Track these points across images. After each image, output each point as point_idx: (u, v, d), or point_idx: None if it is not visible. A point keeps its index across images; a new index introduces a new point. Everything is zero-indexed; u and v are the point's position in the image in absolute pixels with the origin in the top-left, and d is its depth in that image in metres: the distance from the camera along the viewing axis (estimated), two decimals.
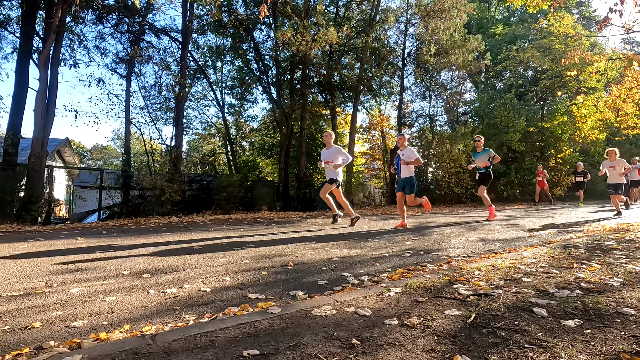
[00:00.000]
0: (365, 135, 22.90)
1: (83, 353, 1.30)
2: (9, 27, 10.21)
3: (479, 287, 2.13)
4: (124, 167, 10.84)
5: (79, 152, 35.33)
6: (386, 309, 1.75)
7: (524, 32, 21.03)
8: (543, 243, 4.13)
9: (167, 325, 1.71)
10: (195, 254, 3.49)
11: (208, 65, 14.60)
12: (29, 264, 3.06)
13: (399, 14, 14.10)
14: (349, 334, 1.45)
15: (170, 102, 12.20)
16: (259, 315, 1.68)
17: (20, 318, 1.81)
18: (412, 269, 2.86)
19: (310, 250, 3.74)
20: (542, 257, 3.05)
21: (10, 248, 3.94)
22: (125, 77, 11.49)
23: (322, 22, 11.39)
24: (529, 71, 21.51)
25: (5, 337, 1.58)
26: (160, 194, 9.40)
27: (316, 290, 2.30)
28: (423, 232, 5.26)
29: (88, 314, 1.87)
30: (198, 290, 2.30)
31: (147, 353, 1.29)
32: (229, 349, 1.33)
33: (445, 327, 1.52)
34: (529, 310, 1.70)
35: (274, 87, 13.77)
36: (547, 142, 17.90)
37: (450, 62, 14.40)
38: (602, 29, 5.92)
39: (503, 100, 16.87)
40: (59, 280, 2.51)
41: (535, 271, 2.52)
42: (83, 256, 3.41)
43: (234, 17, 12.26)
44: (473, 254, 3.56)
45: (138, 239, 4.67)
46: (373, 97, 18.10)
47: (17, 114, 8.65)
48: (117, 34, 11.67)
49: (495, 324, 1.54)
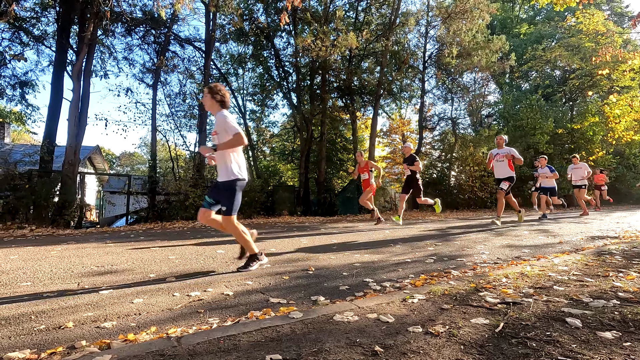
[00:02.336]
0: (385, 140, 22.75)
1: (112, 353, 1.34)
2: (46, 41, 10.85)
3: (507, 295, 2.05)
4: (150, 173, 11.21)
5: (108, 159, 36.87)
6: (409, 316, 1.72)
7: (550, 31, 20.34)
8: (575, 250, 3.94)
9: (192, 327, 1.74)
10: (218, 258, 3.55)
11: (230, 73, 14.96)
12: (63, 266, 3.20)
13: (419, 16, 13.97)
14: (372, 341, 1.43)
15: (194, 109, 12.56)
16: (281, 319, 1.68)
17: (55, 318, 1.89)
18: (435, 275, 2.79)
19: (331, 255, 3.73)
20: (575, 264, 2.91)
21: (46, 251, 4.14)
22: (152, 86, 11.93)
23: (341, 27, 11.44)
24: (557, 71, 20.76)
25: (41, 336, 1.65)
26: (184, 199, 9.65)
27: (338, 296, 2.28)
28: (447, 238, 5.14)
29: (117, 315, 1.93)
30: (221, 293, 2.33)
31: (173, 355, 1.32)
32: (252, 353, 1.34)
33: (471, 336, 1.47)
34: (562, 321, 1.63)
35: (294, 92, 13.93)
36: (577, 144, 17.18)
37: (473, 64, 14.11)
38: (637, 24, 5.65)
39: (529, 102, 16.34)
40: (90, 282, 2.62)
41: (568, 279, 2.41)
42: (112, 259, 3.54)
43: (255, 26, 12.52)
44: (500, 260, 3.45)
45: (163, 242, 4.80)
46: (393, 101, 17.99)
47: (53, 123, 9.13)
48: (144, 45, 12.15)
49: (526, 334, 1.48)
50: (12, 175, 7.71)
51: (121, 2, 9.85)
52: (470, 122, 19.31)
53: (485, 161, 14.01)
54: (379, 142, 21.93)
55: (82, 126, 8.84)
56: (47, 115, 9.07)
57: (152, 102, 11.77)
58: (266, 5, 12.72)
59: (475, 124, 18.68)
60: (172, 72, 12.49)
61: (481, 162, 14.16)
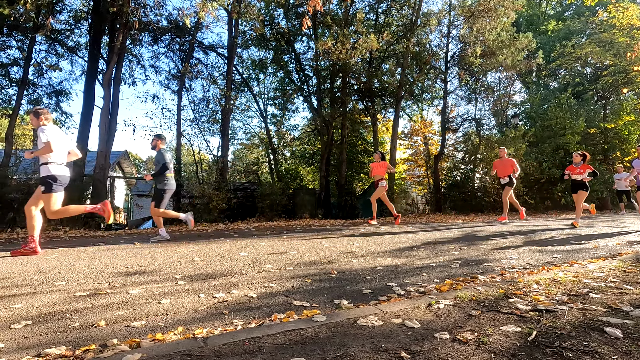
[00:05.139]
0: (407, 142, 22.46)
1: (142, 352, 1.37)
2: (79, 52, 11.42)
3: (539, 302, 1.97)
4: (175, 176, 11.53)
5: (135, 163, 38.21)
6: (436, 322, 1.67)
7: (580, 27, 19.51)
8: (611, 255, 3.74)
9: (217, 329, 1.76)
10: (242, 260, 3.60)
11: (251, 78, 15.23)
12: (95, 266, 3.34)
13: (441, 16, 13.74)
14: (398, 347, 1.40)
15: (217, 114, 12.85)
16: (304, 323, 1.68)
17: (88, 316, 1.96)
18: (461, 280, 2.71)
19: (353, 258, 3.70)
20: (612, 270, 2.76)
21: (79, 252, 4.33)
22: (177, 92, 12.31)
23: (361, 29, 11.41)
24: (588, 68, 19.88)
25: (75, 334, 1.72)
26: (208, 202, 9.87)
27: (361, 300, 2.26)
28: (472, 242, 4.99)
29: (146, 315, 1.98)
30: (245, 295, 2.36)
31: (200, 355, 1.34)
32: (277, 355, 1.34)
33: (502, 344, 1.42)
34: (600, 330, 1.54)
35: (314, 96, 14.00)
36: (611, 144, 16.36)
37: (498, 63, 13.73)
38: None
39: (558, 101, 15.71)
40: (120, 282, 2.71)
41: (605, 286, 2.29)
42: (140, 260, 3.66)
43: (275, 31, 12.70)
44: (529, 265, 3.31)
45: (188, 244, 4.92)
46: (415, 103, 17.75)
47: (85, 130, 9.58)
48: (169, 52, 12.58)
49: (561, 343, 1.41)
50: None
51: (148, 13, 10.24)
52: (495, 123, 18.78)
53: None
54: (400, 145, 21.68)
55: (112, 132, 9.23)
56: (80, 122, 9.53)
57: (177, 108, 12.15)
58: (287, 10, 12.87)
59: (501, 125, 18.14)
60: (196, 78, 12.86)
61: None
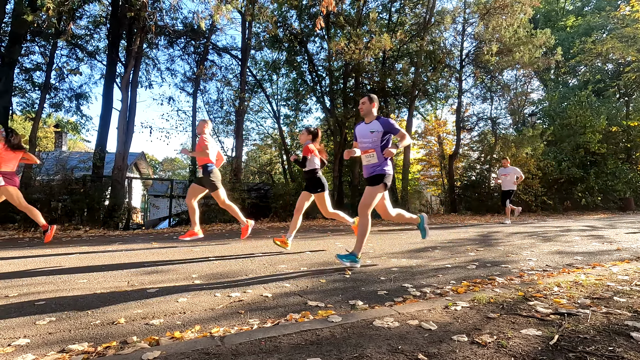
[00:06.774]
0: (420, 142, 22.21)
1: (161, 350, 1.40)
2: (98, 56, 11.74)
3: (560, 305, 1.91)
4: (191, 177, 11.72)
5: (152, 164, 39.01)
6: (453, 324, 1.65)
7: (601, 22, 18.90)
8: (636, 257, 3.61)
9: (233, 328, 1.78)
10: (257, 260, 3.63)
11: (265, 79, 15.31)
12: (114, 265, 3.42)
13: (456, 14, 13.51)
14: (414, 349, 1.39)
15: (231, 115, 13.00)
16: (319, 323, 1.68)
17: (108, 314, 2.01)
18: (479, 282, 2.67)
19: (367, 259, 3.68)
20: (637, 273, 2.67)
21: (99, 250, 4.44)
22: (192, 94, 12.50)
23: (375, 29, 11.34)
24: (609, 64, 19.23)
25: (97, 330, 1.77)
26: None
27: (376, 301, 2.25)
28: (489, 243, 4.90)
29: (164, 313, 2.02)
30: (260, 295, 2.37)
31: (217, 354, 1.36)
32: (293, 355, 1.34)
33: (523, 347, 1.39)
34: (626, 335, 1.49)
35: (327, 96, 13.98)
36: (634, 142, 15.79)
37: (515, 60, 13.42)
38: None
39: (578, 98, 15.25)
40: (138, 281, 2.77)
41: (630, 290, 2.21)
42: (158, 259, 3.73)
43: (288, 32, 12.75)
44: (549, 267, 3.23)
45: (204, 244, 4.98)
46: (429, 102, 17.51)
47: (104, 132, 9.83)
48: (184, 55, 12.78)
49: (584, 348, 1.37)
50: (70, 180, 8.37)
51: (164, 17, 10.44)
52: (511, 122, 18.38)
53: (531, 163, 13.29)
54: (414, 144, 21.45)
55: (129, 134, 9.43)
56: (99, 124, 9.78)
57: (192, 110, 12.34)
58: (299, 11, 12.90)
59: (518, 123, 17.74)
60: (211, 80, 13.05)
61: (524, 163, 13.38)
